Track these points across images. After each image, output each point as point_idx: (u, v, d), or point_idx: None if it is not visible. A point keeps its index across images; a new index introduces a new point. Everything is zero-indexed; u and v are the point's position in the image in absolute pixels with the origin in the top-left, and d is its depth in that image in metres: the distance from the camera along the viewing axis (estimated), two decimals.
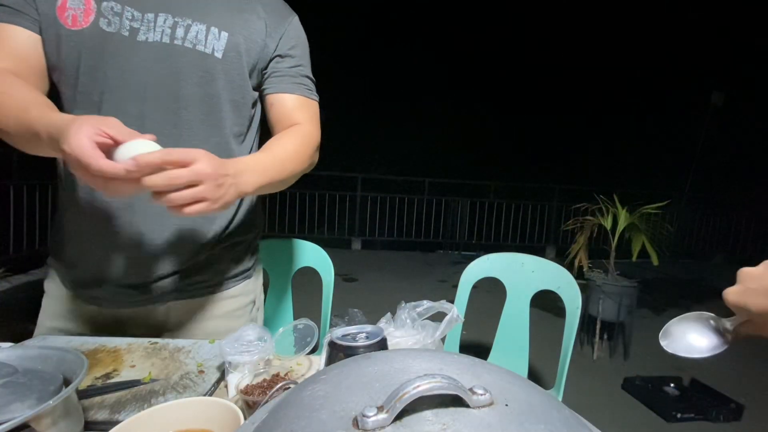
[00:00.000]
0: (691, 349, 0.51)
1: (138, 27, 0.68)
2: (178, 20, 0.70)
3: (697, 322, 0.53)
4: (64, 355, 0.55)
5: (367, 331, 0.67)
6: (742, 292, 0.48)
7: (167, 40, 0.70)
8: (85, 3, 0.66)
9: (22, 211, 3.83)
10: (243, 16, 0.76)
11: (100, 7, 0.66)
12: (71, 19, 0.65)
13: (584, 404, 2.17)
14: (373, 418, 0.23)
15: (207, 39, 0.71)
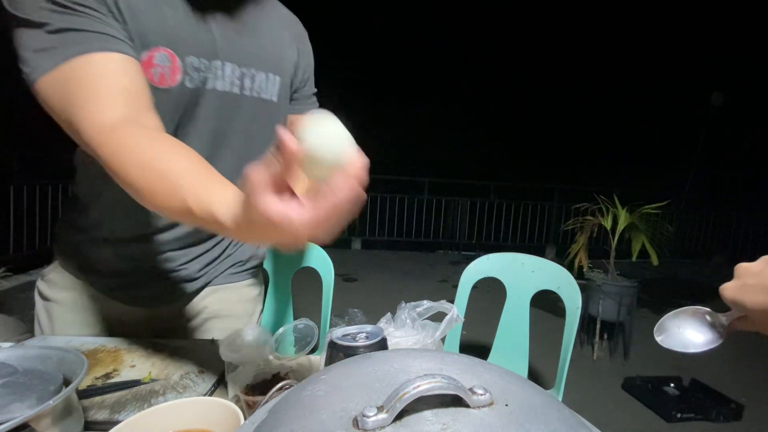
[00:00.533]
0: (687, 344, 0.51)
1: (206, 75, 0.68)
2: (245, 70, 0.72)
3: (692, 317, 0.53)
4: (64, 355, 0.55)
5: (367, 331, 0.67)
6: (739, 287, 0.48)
7: (237, 91, 0.72)
8: (171, 60, 0.63)
9: (22, 211, 3.84)
10: (286, 54, 0.80)
11: (185, 65, 0.65)
12: (158, 77, 0.63)
13: (584, 404, 2.17)
14: (373, 418, 0.23)
15: (267, 86, 0.76)
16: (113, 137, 0.49)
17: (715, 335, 0.51)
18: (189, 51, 0.65)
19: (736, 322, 0.49)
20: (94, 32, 0.54)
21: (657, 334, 0.53)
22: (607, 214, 2.81)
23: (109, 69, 0.53)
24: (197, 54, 0.66)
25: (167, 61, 0.63)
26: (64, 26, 0.52)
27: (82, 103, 0.51)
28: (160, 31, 0.62)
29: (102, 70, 0.53)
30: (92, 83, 0.52)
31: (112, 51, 0.54)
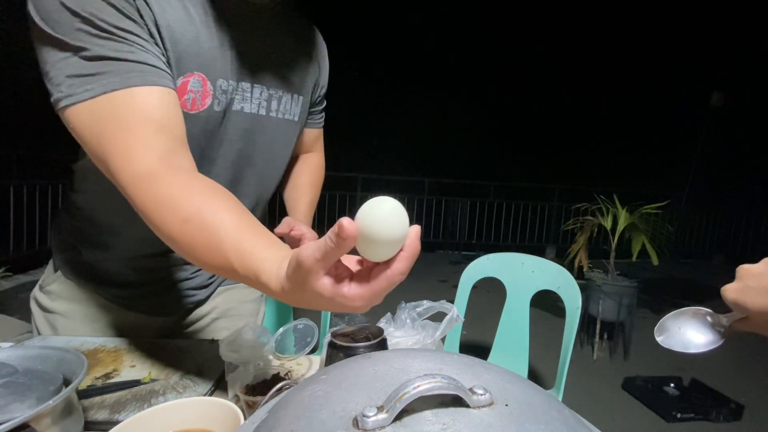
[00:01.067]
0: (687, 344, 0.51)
1: (234, 97, 0.67)
2: (272, 92, 0.72)
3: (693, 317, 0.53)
4: (64, 355, 0.55)
5: (367, 331, 0.67)
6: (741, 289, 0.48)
7: (263, 112, 0.72)
8: (203, 85, 0.62)
9: (22, 211, 3.84)
10: (309, 74, 0.79)
11: (215, 89, 0.63)
12: (190, 103, 0.61)
13: (584, 404, 2.17)
14: (373, 418, 0.23)
15: (291, 107, 0.75)
16: (150, 187, 0.48)
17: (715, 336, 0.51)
18: (219, 74, 0.63)
19: (736, 323, 0.49)
20: (136, 62, 0.51)
21: (657, 334, 0.53)
22: (607, 214, 2.81)
23: (148, 105, 0.51)
24: (226, 77, 0.64)
25: (199, 86, 0.61)
26: (104, 54, 0.49)
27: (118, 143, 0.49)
28: (195, 56, 0.60)
29: (141, 106, 0.50)
30: (129, 122, 0.49)
31: (152, 85, 0.52)
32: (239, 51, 0.65)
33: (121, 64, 0.50)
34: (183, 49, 0.58)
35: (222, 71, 0.63)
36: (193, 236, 0.45)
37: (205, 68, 0.61)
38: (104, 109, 0.49)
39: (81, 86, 0.49)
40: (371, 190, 6.32)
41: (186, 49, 0.58)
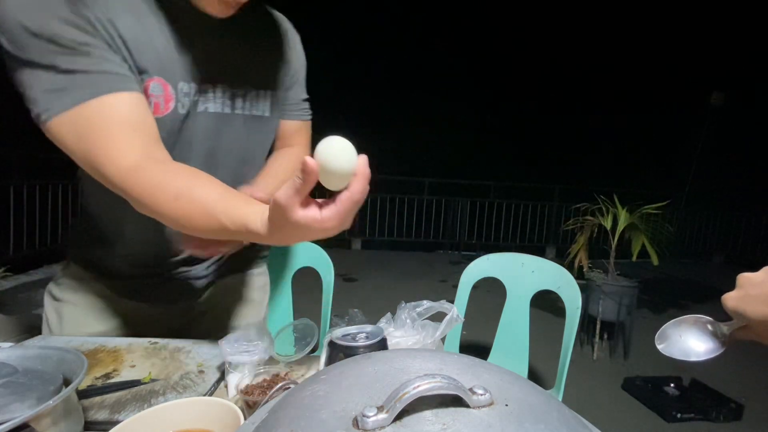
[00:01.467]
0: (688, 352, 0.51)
1: (197, 99, 0.69)
2: (236, 90, 0.72)
3: (693, 325, 0.53)
4: (64, 355, 0.55)
5: (367, 331, 0.67)
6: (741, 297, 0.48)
7: (228, 110, 0.72)
8: (164, 89, 0.65)
9: (22, 211, 3.83)
10: (278, 66, 0.79)
11: (177, 92, 0.66)
12: (153, 107, 0.64)
13: (584, 404, 2.17)
14: (373, 418, 0.23)
15: (259, 103, 0.75)
16: (139, 178, 0.54)
17: (716, 344, 0.51)
18: (179, 77, 0.65)
19: (737, 331, 0.49)
20: (102, 72, 0.55)
21: (658, 342, 0.53)
22: (607, 214, 2.81)
23: (119, 110, 0.56)
24: (187, 79, 0.66)
25: (160, 90, 0.64)
26: (71, 68, 0.54)
27: (101, 146, 0.54)
28: (152, 61, 0.63)
29: (112, 112, 0.55)
30: (106, 126, 0.54)
31: (120, 91, 0.56)
32: (197, 53, 0.67)
33: (88, 76, 0.54)
34: (140, 56, 0.61)
35: (182, 74, 0.66)
36: (186, 209, 0.52)
37: (164, 72, 0.64)
38: (80, 119, 0.54)
39: (56, 100, 0.54)
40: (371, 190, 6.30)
41: (143, 55, 0.61)
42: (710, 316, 0.52)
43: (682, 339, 0.52)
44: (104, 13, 0.57)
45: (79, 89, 0.54)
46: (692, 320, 0.53)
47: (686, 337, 0.52)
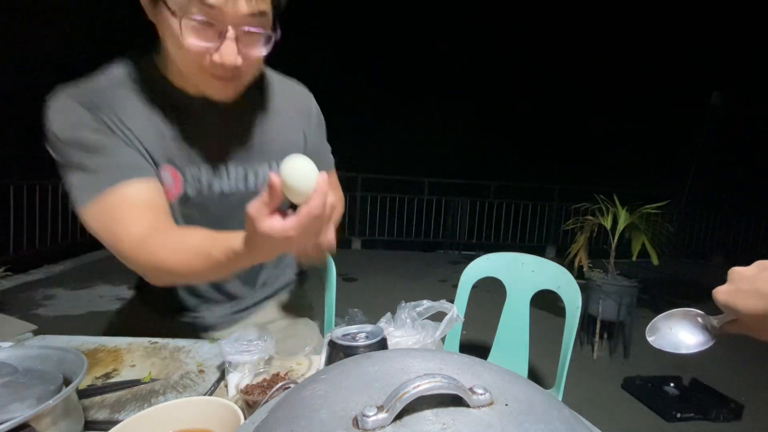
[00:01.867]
0: (678, 345, 0.52)
1: (210, 181, 0.75)
2: (248, 168, 0.77)
3: (684, 318, 0.53)
4: (64, 354, 0.55)
5: (367, 330, 0.67)
6: (732, 292, 0.48)
7: (242, 188, 0.78)
8: (173, 176, 0.72)
9: (22, 211, 3.84)
10: (292, 139, 0.83)
11: (185, 177, 0.72)
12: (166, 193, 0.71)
13: (584, 404, 2.17)
14: (373, 417, 0.23)
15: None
16: (145, 247, 0.62)
17: (706, 337, 0.51)
18: (187, 163, 0.72)
19: (727, 325, 0.50)
20: (118, 166, 0.65)
21: (649, 335, 0.54)
22: (607, 214, 2.80)
23: (132, 194, 0.64)
24: (197, 163, 0.73)
25: (170, 177, 0.71)
26: (94, 165, 0.64)
27: (116, 225, 0.63)
28: (161, 151, 0.70)
29: (127, 197, 0.64)
30: (120, 209, 0.64)
31: (133, 178, 0.65)
32: (205, 138, 0.73)
33: (108, 171, 0.64)
34: (151, 148, 0.69)
35: (190, 160, 0.72)
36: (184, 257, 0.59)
37: (173, 160, 0.71)
38: (101, 206, 0.64)
39: (84, 193, 0.64)
40: (372, 190, 6.32)
41: (153, 148, 0.69)
42: (709, 315, 0.52)
43: (672, 331, 0.53)
44: (118, 116, 0.67)
45: (100, 182, 0.64)
46: (682, 313, 0.53)
47: (676, 330, 0.53)
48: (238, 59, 0.61)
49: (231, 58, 0.60)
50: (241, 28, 0.59)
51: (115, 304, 3.22)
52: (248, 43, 0.61)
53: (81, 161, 0.64)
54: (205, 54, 0.60)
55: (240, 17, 0.58)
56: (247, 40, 0.61)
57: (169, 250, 0.60)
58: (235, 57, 0.60)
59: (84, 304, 3.15)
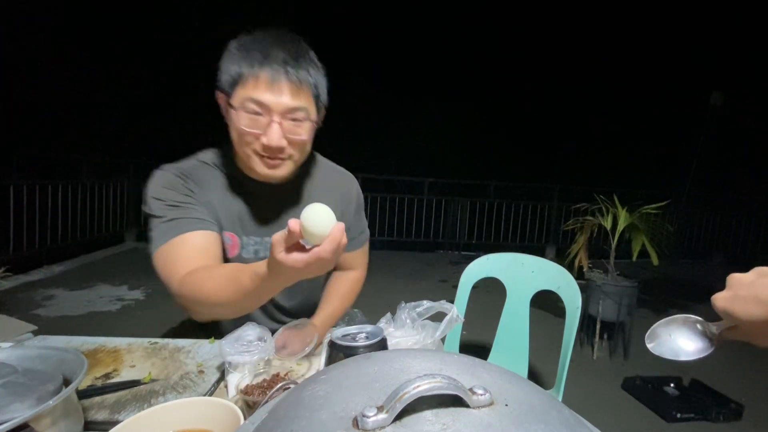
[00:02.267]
0: (677, 351, 0.52)
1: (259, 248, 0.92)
2: None
3: (683, 325, 0.53)
4: (64, 355, 0.55)
5: (367, 331, 0.67)
6: (731, 298, 0.48)
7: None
8: (232, 239, 0.89)
9: (22, 211, 3.83)
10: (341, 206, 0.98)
11: (242, 241, 0.90)
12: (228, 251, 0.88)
13: (584, 404, 2.17)
14: (373, 418, 0.23)
15: None
16: (189, 280, 0.72)
17: (705, 344, 0.51)
18: (244, 233, 0.90)
19: (726, 331, 0.50)
20: (189, 218, 0.80)
21: (648, 341, 0.54)
22: (607, 214, 2.80)
23: (192, 242, 0.78)
24: (253, 234, 0.91)
25: (230, 240, 0.89)
26: (172, 217, 0.80)
27: (172, 265, 0.75)
28: (227, 221, 0.88)
29: (187, 244, 0.78)
30: (179, 253, 0.77)
31: (196, 230, 0.80)
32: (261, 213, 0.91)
33: (180, 221, 0.80)
34: (218, 214, 0.87)
35: (247, 230, 0.90)
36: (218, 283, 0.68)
37: (234, 229, 0.89)
38: (168, 248, 0.78)
39: (159, 239, 0.79)
40: (372, 190, 6.32)
41: (222, 218, 0.87)
42: (709, 316, 0.52)
43: (671, 338, 0.53)
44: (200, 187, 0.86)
45: (171, 230, 0.78)
46: (682, 320, 0.53)
47: (676, 337, 0.52)
48: (282, 141, 0.76)
49: (275, 141, 0.75)
50: (285, 118, 0.76)
51: (115, 304, 3.22)
52: (291, 129, 0.77)
53: (164, 213, 0.80)
54: (257, 137, 0.76)
55: (284, 110, 0.75)
56: (290, 126, 0.76)
57: (206, 279, 0.70)
58: (279, 139, 0.76)
59: (84, 305, 3.15)
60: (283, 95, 0.74)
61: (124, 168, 5.42)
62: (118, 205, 5.21)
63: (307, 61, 0.77)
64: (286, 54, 0.74)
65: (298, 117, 0.77)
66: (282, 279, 0.60)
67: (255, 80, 0.73)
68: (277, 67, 0.73)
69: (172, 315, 1.03)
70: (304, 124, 0.78)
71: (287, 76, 0.74)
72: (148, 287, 3.62)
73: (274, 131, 0.75)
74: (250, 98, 0.73)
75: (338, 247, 0.55)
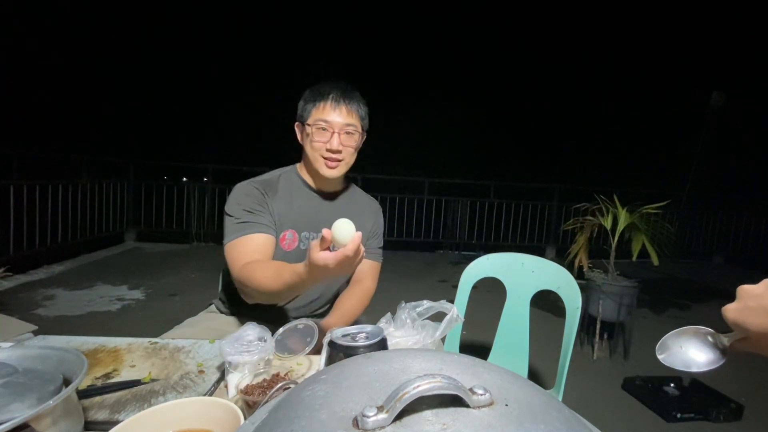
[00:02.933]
0: (689, 363, 0.52)
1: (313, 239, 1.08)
2: None
3: (694, 336, 0.53)
4: (64, 355, 0.55)
5: (367, 331, 0.67)
6: (741, 309, 0.48)
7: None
8: (293, 236, 1.13)
9: (22, 211, 3.83)
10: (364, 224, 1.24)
11: (300, 236, 1.14)
12: (287, 245, 1.12)
13: (584, 404, 2.17)
14: (373, 418, 0.23)
15: None
16: (246, 268, 0.95)
17: (716, 355, 0.51)
18: (304, 228, 1.15)
19: (737, 343, 0.49)
20: (255, 223, 1.05)
21: (659, 353, 0.54)
22: (607, 214, 2.80)
23: (255, 241, 1.03)
24: (309, 229, 1.15)
25: (291, 236, 1.13)
26: (244, 220, 1.05)
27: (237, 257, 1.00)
28: (289, 220, 1.13)
29: (250, 242, 1.03)
30: (243, 249, 1.01)
31: (258, 233, 1.04)
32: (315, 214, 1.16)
33: (248, 224, 1.05)
34: (283, 218, 1.11)
35: (307, 226, 1.15)
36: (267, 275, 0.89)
37: (296, 225, 1.14)
38: (236, 243, 1.02)
39: (232, 234, 1.04)
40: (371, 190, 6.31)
41: (285, 218, 1.12)
42: (710, 317, 0.52)
43: (682, 350, 0.53)
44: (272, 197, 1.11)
45: (241, 231, 1.04)
46: (692, 331, 0.53)
47: (687, 348, 0.52)
48: (340, 146, 1.08)
49: (335, 145, 1.07)
50: (342, 131, 1.08)
51: (116, 304, 3.21)
52: (345, 140, 1.09)
53: (239, 216, 1.05)
54: (324, 145, 1.07)
55: (341, 126, 1.07)
56: (345, 137, 1.09)
57: (258, 270, 0.92)
58: (338, 145, 1.07)
59: (84, 305, 3.15)
60: (341, 116, 1.07)
61: (124, 168, 5.42)
62: (119, 205, 5.20)
63: (355, 96, 1.11)
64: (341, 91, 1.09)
65: (350, 131, 1.09)
66: (314, 275, 0.78)
67: (323, 106, 1.08)
68: (336, 98, 1.08)
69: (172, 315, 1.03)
70: (354, 136, 1.10)
71: (343, 103, 1.08)
72: (149, 287, 3.62)
73: (335, 140, 1.07)
74: (320, 118, 1.07)
75: (358, 249, 0.73)
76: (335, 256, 0.73)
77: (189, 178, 5.86)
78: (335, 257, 0.73)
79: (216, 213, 5.54)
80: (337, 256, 0.73)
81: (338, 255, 0.72)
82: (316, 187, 1.18)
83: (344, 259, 0.72)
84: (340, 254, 0.72)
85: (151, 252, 5.06)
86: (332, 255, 0.73)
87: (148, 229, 5.51)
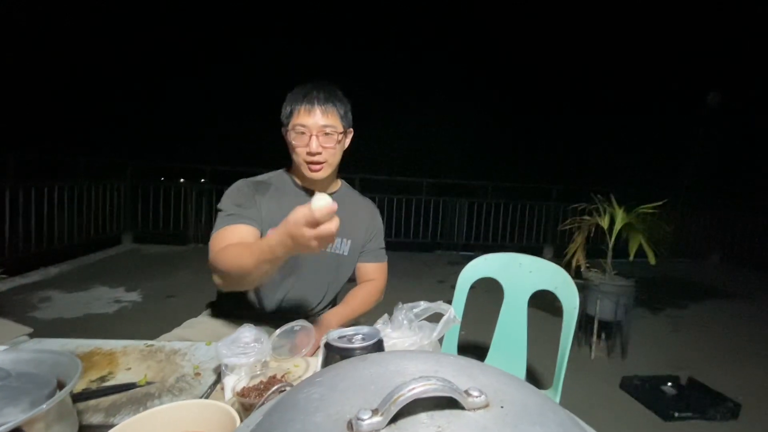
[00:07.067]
0: None
1: None
2: None
3: None
4: (58, 358, 0.55)
5: (363, 332, 0.66)
6: None
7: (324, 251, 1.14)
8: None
9: (18, 212, 3.82)
10: (359, 227, 1.24)
11: None
12: None
13: (582, 404, 2.18)
14: (368, 421, 0.23)
15: (341, 246, 1.20)
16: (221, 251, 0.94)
17: None
18: None
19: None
20: (240, 215, 1.06)
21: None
22: (604, 214, 2.81)
23: (237, 231, 1.03)
24: None
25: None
26: (230, 212, 1.06)
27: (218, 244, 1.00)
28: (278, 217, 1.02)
29: (234, 232, 1.03)
30: (224, 236, 1.01)
31: (242, 224, 1.05)
32: None
33: (234, 216, 1.05)
34: (271, 216, 1.10)
35: None
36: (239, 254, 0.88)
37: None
38: (219, 234, 1.03)
39: (220, 224, 1.05)
40: (370, 191, 6.31)
41: (273, 216, 1.10)
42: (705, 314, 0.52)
43: None
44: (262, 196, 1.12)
45: (227, 222, 1.05)
46: None
47: None
48: (319, 148, 1.07)
49: (314, 147, 1.06)
50: (319, 132, 1.07)
51: (112, 306, 3.20)
52: (324, 141, 1.08)
53: (227, 209, 1.07)
54: (304, 149, 1.08)
55: (318, 128, 1.06)
56: (324, 138, 1.08)
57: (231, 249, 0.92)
58: (318, 147, 1.07)
59: (80, 307, 3.13)
60: (316, 118, 1.06)
61: (121, 170, 5.40)
62: (115, 207, 5.18)
63: (331, 95, 1.09)
64: (315, 92, 1.08)
65: (328, 131, 1.08)
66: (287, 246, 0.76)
67: (298, 111, 1.07)
68: (310, 100, 1.07)
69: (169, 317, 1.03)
70: (333, 137, 1.09)
71: (317, 105, 1.07)
72: (145, 289, 3.60)
73: (313, 143, 1.07)
74: (297, 123, 1.07)
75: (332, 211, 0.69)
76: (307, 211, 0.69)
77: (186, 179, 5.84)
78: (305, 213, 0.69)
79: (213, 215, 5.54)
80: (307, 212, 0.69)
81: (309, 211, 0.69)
82: (306, 188, 1.18)
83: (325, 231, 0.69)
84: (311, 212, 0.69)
85: (148, 254, 5.04)
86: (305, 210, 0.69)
87: (146, 231, 5.49)
